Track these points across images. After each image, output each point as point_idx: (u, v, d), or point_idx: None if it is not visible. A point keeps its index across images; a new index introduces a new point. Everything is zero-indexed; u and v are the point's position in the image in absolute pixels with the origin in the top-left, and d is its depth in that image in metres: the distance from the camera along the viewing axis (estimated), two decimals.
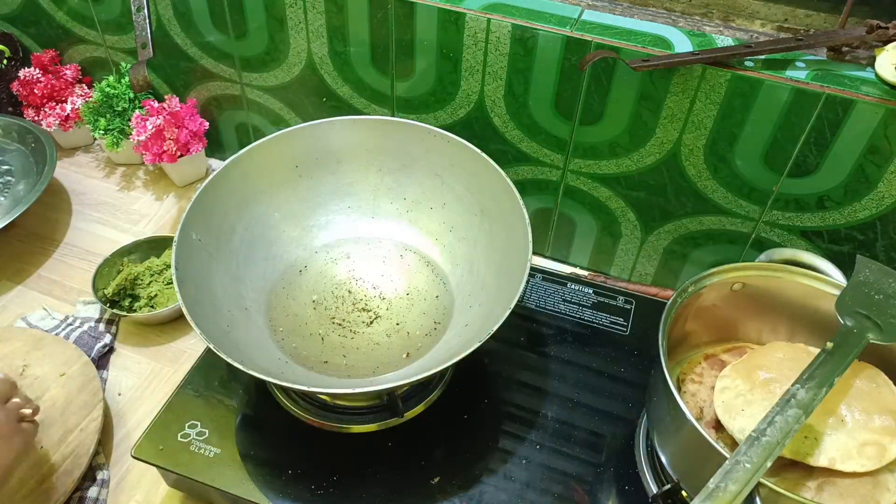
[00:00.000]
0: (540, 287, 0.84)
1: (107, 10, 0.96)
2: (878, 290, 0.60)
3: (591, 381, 0.74)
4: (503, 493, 0.65)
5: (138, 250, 0.88)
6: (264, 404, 0.71)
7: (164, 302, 0.83)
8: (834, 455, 0.54)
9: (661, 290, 0.86)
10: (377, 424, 0.69)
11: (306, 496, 0.64)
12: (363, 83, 0.86)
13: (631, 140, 0.76)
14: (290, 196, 0.80)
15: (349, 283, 0.79)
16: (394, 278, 0.79)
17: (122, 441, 0.73)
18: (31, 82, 1.01)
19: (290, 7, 0.82)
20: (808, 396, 0.51)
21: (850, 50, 0.69)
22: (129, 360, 0.81)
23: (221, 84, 0.96)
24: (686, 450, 0.57)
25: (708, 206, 0.78)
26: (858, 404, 0.56)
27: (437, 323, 0.75)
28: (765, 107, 0.68)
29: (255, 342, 0.70)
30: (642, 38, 0.70)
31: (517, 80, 0.77)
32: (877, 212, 0.71)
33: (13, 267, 0.90)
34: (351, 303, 0.77)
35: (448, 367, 0.59)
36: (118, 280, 0.83)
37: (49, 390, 0.73)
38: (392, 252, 0.82)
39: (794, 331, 0.68)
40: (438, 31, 0.77)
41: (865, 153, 0.67)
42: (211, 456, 0.66)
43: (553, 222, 0.89)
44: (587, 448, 0.69)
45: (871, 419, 0.55)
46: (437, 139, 0.78)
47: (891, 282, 0.61)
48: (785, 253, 0.68)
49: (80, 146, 1.08)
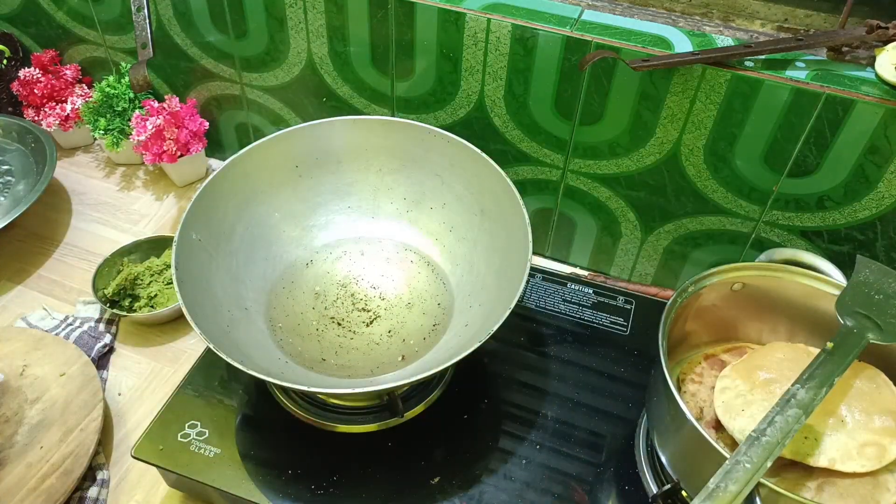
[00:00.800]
0: (540, 287, 0.84)
1: (107, 10, 0.96)
2: (878, 291, 0.60)
3: (591, 381, 0.74)
4: (503, 493, 0.65)
5: (138, 250, 0.88)
6: (264, 404, 0.71)
7: (164, 302, 0.83)
8: (834, 455, 0.54)
9: (661, 290, 0.86)
10: (377, 424, 0.69)
11: (306, 496, 0.64)
12: (363, 83, 0.86)
13: (631, 140, 0.76)
14: (290, 196, 0.80)
15: (349, 283, 0.79)
16: (394, 278, 0.80)
17: (122, 441, 0.73)
18: (31, 82, 1.01)
19: (290, 7, 0.82)
20: (808, 396, 0.51)
21: (850, 50, 0.69)
22: (129, 360, 0.81)
23: (221, 84, 0.96)
24: (686, 450, 0.57)
25: (708, 206, 0.78)
26: (858, 405, 0.56)
27: (436, 323, 0.75)
28: (765, 107, 0.68)
29: (255, 342, 0.70)
30: (642, 38, 0.70)
31: (517, 80, 0.77)
32: (877, 212, 0.71)
33: (13, 267, 0.90)
34: (351, 303, 0.77)
35: (448, 367, 0.59)
36: (118, 280, 0.83)
37: (49, 390, 0.73)
38: (392, 252, 0.82)
39: (794, 331, 0.68)
40: (438, 31, 0.77)
41: (865, 153, 0.67)
42: (211, 456, 0.66)
43: (553, 222, 0.89)
44: (587, 448, 0.69)
45: (871, 420, 0.55)
46: (437, 139, 0.78)
47: (891, 282, 0.61)
48: (785, 253, 0.68)
49: (80, 146, 1.08)
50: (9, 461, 0.67)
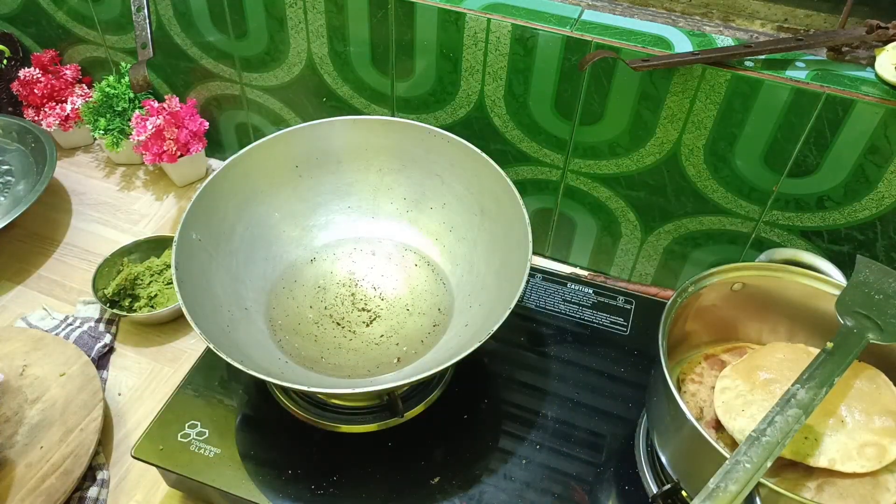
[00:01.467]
0: (540, 287, 0.84)
1: (107, 10, 0.96)
2: (878, 291, 0.60)
3: (591, 382, 0.74)
4: (503, 493, 0.65)
5: (138, 250, 0.88)
6: (264, 404, 0.71)
7: (164, 302, 0.83)
8: (834, 456, 0.54)
9: (661, 290, 0.86)
10: (377, 424, 0.69)
11: (306, 496, 0.64)
12: (363, 83, 0.86)
13: (631, 140, 0.76)
14: (290, 196, 0.80)
15: (349, 282, 0.79)
16: (393, 278, 0.79)
17: (122, 441, 0.73)
18: (30, 82, 1.01)
19: (290, 7, 0.82)
20: (808, 396, 0.51)
21: (850, 50, 0.69)
22: (129, 360, 0.81)
23: (221, 84, 0.96)
24: (686, 450, 0.57)
25: (708, 206, 0.78)
26: (858, 405, 0.56)
27: (436, 323, 0.75)
28: (765, 107, 0.68)
29: (254, 342, 0.70)
30: (642, 38, 0.70)
31: (517, 80, 0.77)
32: (877, 212, 0.71)
33: (13, 267, 0.90)
34: (350, 302, 0.77)
35: (448, 367, 0.59)
36: (118, 280, 0.83)
37: (49, 390, 0.73)
38: (392, 252, 0.82)
39: (794, 331, 0.68)
40: (438, 31, 0.77)
41: (865, 153, 0.67)
42: (211, 456, 0.66)
43: (553, 222, 0.89)
44: (587, 448, 0.69)
45: (871, 420, 0.55)
46: (437, 139, 0.78)
47: (891, 282, 0.60)
48: (785, 253, 0.68)
49: (80, 146, 1.08)
50: (9, 461, 0.67)
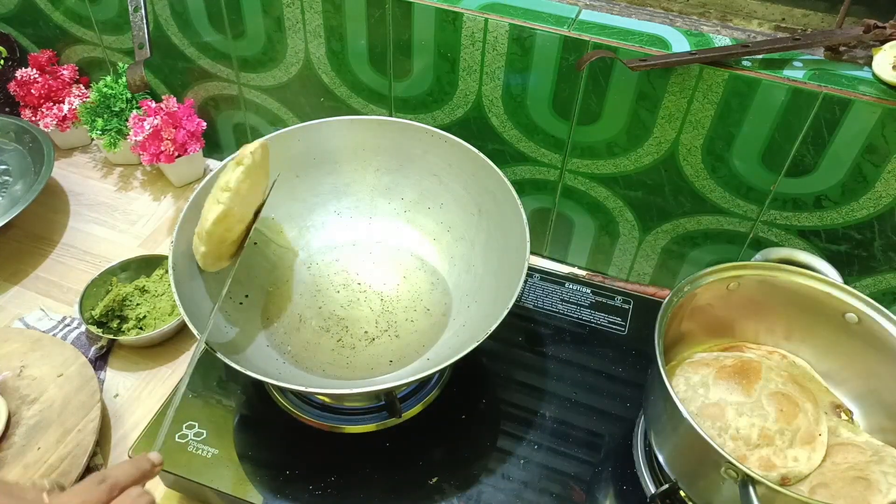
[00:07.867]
0: (538, 287, 0.84)
1: (104, 11, 0.96)
2: None
3: (589, 381, 0.74)
4: (501, 492, 0.65)
5: (129, 268, 0.85)
6: (262, 405, 0.71)
7: (152, 324, 0.81)
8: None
9: (659, 289, 0.86)
10: (375, 425, 0.69)
11: (304, 497, 0.64)
12: (361, 83, 0.86)
13: (629, 140, 0.76)
14: (287, 196, 0.80)
15: (346, 283, 0.79)
16: (391, 278, 0.79)
17: (120, 441, 0.73)
18: (28, 82, 1.00)
19: (287, 7, 0.82)
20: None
21: (848, 49, 0.69)
22: (127, 360, 0.81)
23: (219, 84, 0.96)
24: (683, 449, 0.57)
25: (706, 205, 0.78)
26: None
27: (434, 323, 0.75)
28: (762, 106, 0.68)
29: (252, 343, 0.70)
30: (640, 38, 0.70)
31: (515, 80, 0.77)
32: (874, 211, 0.71)
33: (10, 267, 0.90)
34: (348, 303, 0.77)
35: (446, 366, 0.59)
36: (106, 301, 0.81)
37: (47, 391, 0.73)
38: (390, 252, 0.82)
39: (791, 330, 0.68)
40: (436, 31, 0.76)
41: (863, 153, 0.67)
42: (208, 456, 0.66)
43: (551, 222, 0.89)
44: (585, 448, 0.69)
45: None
46: (435, 139, 0.77)
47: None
48: (781, 252, 0.68)
49: (77, 146, 1.08)
50: (6, 462, 0.67)
